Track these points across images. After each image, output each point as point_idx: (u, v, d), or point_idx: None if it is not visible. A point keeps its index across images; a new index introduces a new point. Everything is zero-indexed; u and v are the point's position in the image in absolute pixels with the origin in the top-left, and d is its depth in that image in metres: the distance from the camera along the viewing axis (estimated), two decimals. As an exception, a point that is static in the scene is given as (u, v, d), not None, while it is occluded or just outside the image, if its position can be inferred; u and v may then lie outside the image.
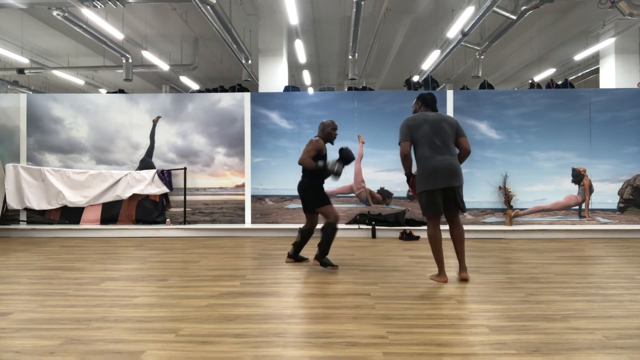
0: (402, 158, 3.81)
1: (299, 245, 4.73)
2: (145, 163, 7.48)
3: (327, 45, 14.14)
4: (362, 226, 6.96)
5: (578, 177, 7.14)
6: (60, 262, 4.84)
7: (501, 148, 7.22)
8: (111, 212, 7.37)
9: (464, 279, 3.83)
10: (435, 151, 3.71)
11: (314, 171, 4.35)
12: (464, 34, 9.15)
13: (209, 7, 7.80)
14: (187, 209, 7.37)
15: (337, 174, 4.33)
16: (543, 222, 7.08)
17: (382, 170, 7.30)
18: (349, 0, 9.74)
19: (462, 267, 3.86)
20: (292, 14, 8.67)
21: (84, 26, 9.21)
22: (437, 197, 3.73)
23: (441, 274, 3.84)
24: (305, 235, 4.67)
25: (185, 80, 15.04)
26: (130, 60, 11.29)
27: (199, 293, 3.48)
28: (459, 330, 2.60)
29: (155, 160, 7.50)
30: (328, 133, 4.49)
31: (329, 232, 4.32)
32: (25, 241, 6.57)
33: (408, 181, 3.99)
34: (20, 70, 12.62)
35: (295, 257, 4.78)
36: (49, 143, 7.54)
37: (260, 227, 7.10)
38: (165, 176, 7.30)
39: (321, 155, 4.41)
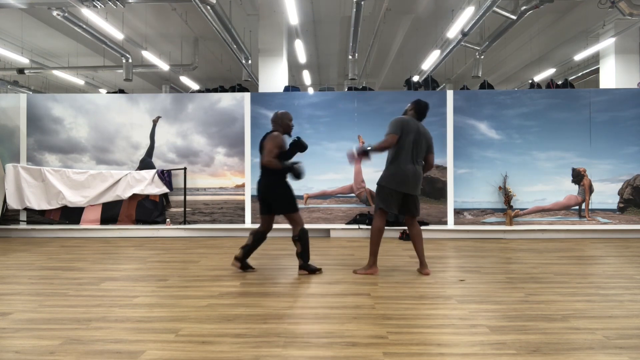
0: (384, 145, 4.03)
1: (249, 248, 4.22)
2: (145, 163, 7.48)
3: (327, 45, 14.14)
4: (362, 226, 6.96)
5: (578, 177, 7.14)
6: (60, 262, 4.84)
7: (501, 148, 7.21)
8: (111, 212, 7.37)
9: (426, 275, 4.10)
10: (410, 160, 4.08)
11: (280, 171, 4.06)
12: (464, 34, 9.15)
13: (209, 7, 7.80)
14: (187, 209, 7.37)
15: (299, 176, 4.06)
16: (543, 222, 7.08)
17: (382, 170, 7.29)
18: (349, 0, 9.73)
19: (424, 264, 4.17)
20: (292, 14, 8.67)
21: (84, 26, 9.21)
22: (398, 197, 4.09)
23: (373, 266, 4.13)
24: (258, 238, 4.22)
25: (185, 80, 15.03)
26: (130, 60, 11.29)
27: (199, 293, 3.48)
28: (459, 330, 2.60)
29: (155, 160, 7.50)
30: (286, 125, 4.20)
31: (305, 239, 4.10)
32: (25, 241, 6.57)
33: (364, 151, 4.05)
34: (20, 70, 12.61)
35: (242, 261, 4.24)
36: (49, 143, 7.54)
37: (260, 227, 7.09)
38: (165, 176, 7.30)
39: (283, 151, 4.10)
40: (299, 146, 4.14)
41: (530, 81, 9.06)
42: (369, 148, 4.05)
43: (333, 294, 3.44)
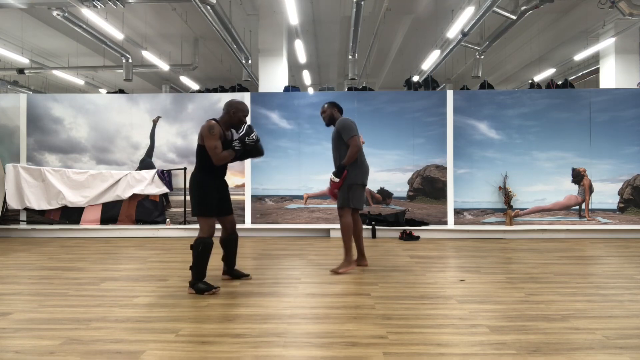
0: (356, 151, 4.15)
1: (227, 257, 3.91)
2: (145, 163, 7.48)
3: (327, 45, 14.13)
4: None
5: (578, 177, 7.14)
6: (60, 262, 4.84)
7: (501, 148, 7.21)
8: (111, 212, 7.37)
9: (366, 266, 4.43)
10: (363, 153, 4.33)
11: (235, 157, 3.64)
12: (464, 34, 9.14)
13: (209, 7, 7.79)
14: (187, 209, 7.37)
15: (258, 152, 3.74)
16: (543, 222, 7.08)
17: (382, 170, 7.30)
18: (349, 0, 9.73)
19: (365, 256, 4.46)
20: (292, 14, 8.67)
21: (84, 26, 9.20)
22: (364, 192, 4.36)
23: (352, 263, 4.24)
24: (225, 245, 3.86)
25: (185, 80, 15.03)
26: (130, 60, 11.29)
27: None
28: (459, 330, 2.60)
29: (155, 160, 7.50)
30: (237, 119, 3.63)
31: (198, 251, 3.41)
32: (25, 241, 6.57)
33: (341, 173, 4.17)
34: (20, 70, 12.61)
35: (230, 272, 3.95)
36: (49, 143, 7.54)
37: (260, 227, 7.10)
38: (165, 176, 7.30)
39: (225, 140, 3.63)
40: (255, 151, 3.76)
41: (530, 81, 9.06)
42: (345, 168, 4.16)
43: (333, 294, 3.44)
